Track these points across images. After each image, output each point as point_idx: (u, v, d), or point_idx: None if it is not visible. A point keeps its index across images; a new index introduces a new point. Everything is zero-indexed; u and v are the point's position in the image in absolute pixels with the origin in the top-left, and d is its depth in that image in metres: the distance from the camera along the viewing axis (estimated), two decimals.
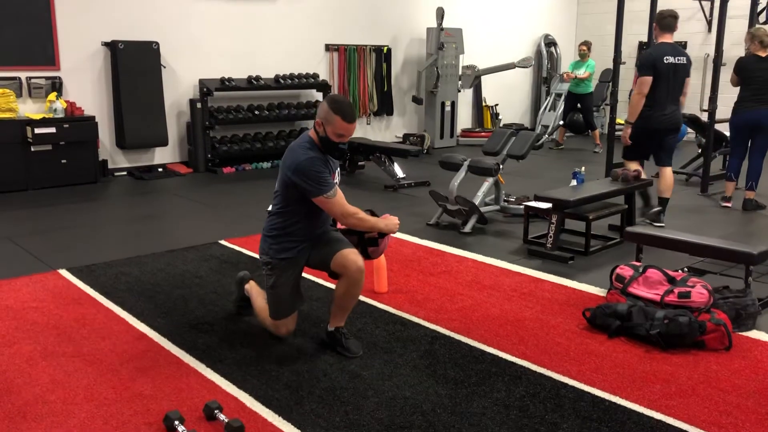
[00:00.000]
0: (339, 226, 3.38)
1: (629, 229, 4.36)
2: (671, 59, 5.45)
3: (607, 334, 3.46)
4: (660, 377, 3.03)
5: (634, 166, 5.60)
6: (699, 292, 3.52)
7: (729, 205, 6.52)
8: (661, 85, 5.43)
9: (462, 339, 3.42)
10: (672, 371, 3.09)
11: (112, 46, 7.63)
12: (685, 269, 4.29)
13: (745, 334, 3.50)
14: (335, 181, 3.21)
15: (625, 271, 3.85)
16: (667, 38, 5.55)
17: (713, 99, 7.03)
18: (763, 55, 6.26)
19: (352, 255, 3.13)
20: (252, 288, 3.61)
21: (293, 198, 3.14)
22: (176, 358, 3.18)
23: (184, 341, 3.36)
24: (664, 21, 5.53)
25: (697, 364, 3.16)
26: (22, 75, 7.19)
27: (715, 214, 6.32)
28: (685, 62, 5.56)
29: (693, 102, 10.93)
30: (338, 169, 3.32)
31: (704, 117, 7.57)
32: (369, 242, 3.37)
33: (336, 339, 3.25)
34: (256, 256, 4.73)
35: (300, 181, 3.06)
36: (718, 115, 7.12)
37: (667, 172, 5.70)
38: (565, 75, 10.18)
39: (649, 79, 5.40)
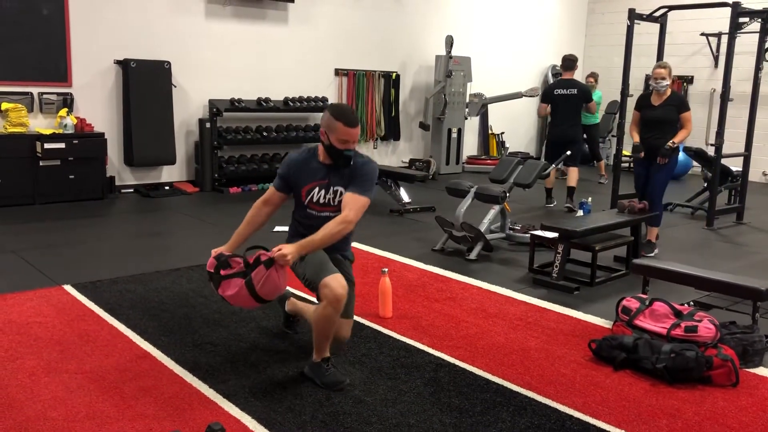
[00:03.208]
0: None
1: (636, 261, 4.35)
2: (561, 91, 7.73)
3: (612, 367, 3.44)
4: (666, 412, 3.00)
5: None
6: (706, 326, 3.50)
7: None
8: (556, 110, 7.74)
9: (467, 367, 3.40)
10: (678, 406, 3.06)
11: (124, 64, 7.71)
12: (692, 303, 4.27)
13: (752, 370, 3.47)
14: (327, 194, 3.23)
15: (632, 303, 3.84)
16: (567, 75, 7.91)
17: (720, 133, 7.05)
18: None
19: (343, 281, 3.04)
20: (295, 302, 3.62)
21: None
22: (179, 378, 3.16)
23: (188, 361, 3.35)
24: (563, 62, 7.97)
25: (703, 399, 3.13)
26: (35, 90, 7.25)
27: (721, 248, 6.31)
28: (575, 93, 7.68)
29: (699, 136, 10.97)
30: (340, 188, 3.22)
31: (710, 151, 7.59)
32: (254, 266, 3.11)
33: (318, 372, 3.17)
34: None
35: None
36: (725, 150, 7.14)
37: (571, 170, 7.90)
38: None
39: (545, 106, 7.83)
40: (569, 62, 7.95)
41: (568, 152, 7.12)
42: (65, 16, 7.33)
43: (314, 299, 3.40)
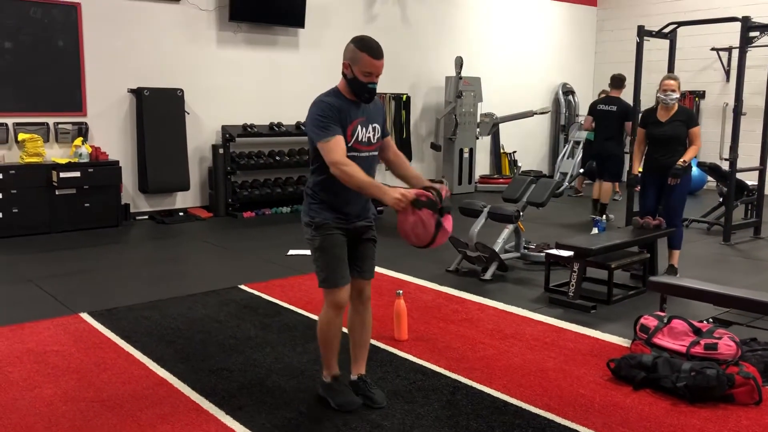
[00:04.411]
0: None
1: (653, 278, 4.31)
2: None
3: (632, 386, 3.40)
4: None
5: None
6: (726, 343, 3.45)
7: None
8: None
9: (484, 389, 3.37)
10: (701, 426, 3.01)
11: (137, 92, 7.81)
12: (711, 320, 4.21)
13: None
14: (367, 131, 3.04)
15: (650, 321, 3.79)
16: (614, 93, 8.24)
17: (734, 148, 7.01)
18: None
19: (368, 288, 3.19)
20: None
21: (315, 154, 3.01)
22: (196, 405, 3.16)
23: (204, 387, 3.34)
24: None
25: (726, 418, 3.08)
26: (50, 120, 7.36)
27: (739, 264, 6.24)
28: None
29: (713, 151, 10.91)
30: (375, 124, 3.08)
31: (725, 166, 7.54)
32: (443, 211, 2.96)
33: (360, 388, 3.20)
34: (277, 301, 4.76)
35: (307, 126, 3.00)
36: (739, 164, 7.09)
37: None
38: (586, 123, 10.20)
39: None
40: (617, 81, 8.32)
41: (581, 170, 7.14)
42: (80, 47, 7.45)
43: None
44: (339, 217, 3.05)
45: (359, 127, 3.03)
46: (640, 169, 5.75)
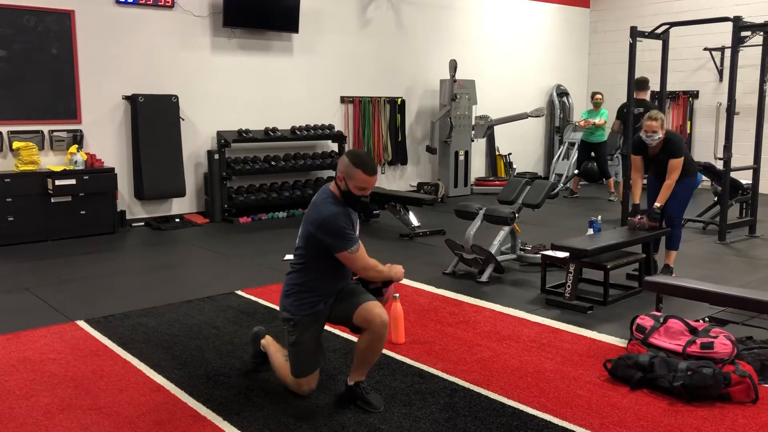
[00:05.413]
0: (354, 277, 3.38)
1: (648, 278, 4.32)
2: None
3: (629, 386, 3.40)
4: (686, 431, 2.96)
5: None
6: (722, 342, 3.46)
7: None
8: None
9: (482, 391, 3.37)
10: (698, 425, 3.02)
11: (132, 99, 7.81)
12: (707, 319, 4.23)
13: None
14: (356, 233, 3.21)
15: (646, 321, 3.80)
16: (641, 95, 8.33)
17: (728, 147, 7.04)
18: None
19: (376, 309, 3.10)
20: (269, 344, 3.55)
21: (316, 253, 3.14)
22: (193, 411, 3.16)
23: (201, 393, 3.34)
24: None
25: (723, 417, 3.09)
26: (45, 128, 7.35)
27: (735, 263, 6.26)
28: None
29: (706, 151, 10.94)
30: (357, 221, 3.32)
31: (719, 165, 7.56)
32: (374, 292, 3.33)
33: (356, 393, 3.20)
34: (273, 306, 4.75)
35: (324, 237, 3.07)
36: (733, 163, 7.12)
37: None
38: (583, 122, 10.25)
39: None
40: (642, 83, 8.51)
41: (575, 171, 7.15)
42: (74, 55, 7.45)
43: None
44: (325, 301, 3.22)
45: (356, 229, 3.23)
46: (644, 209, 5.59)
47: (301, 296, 3.18)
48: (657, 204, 5.30)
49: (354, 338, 3.52)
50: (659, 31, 7.48)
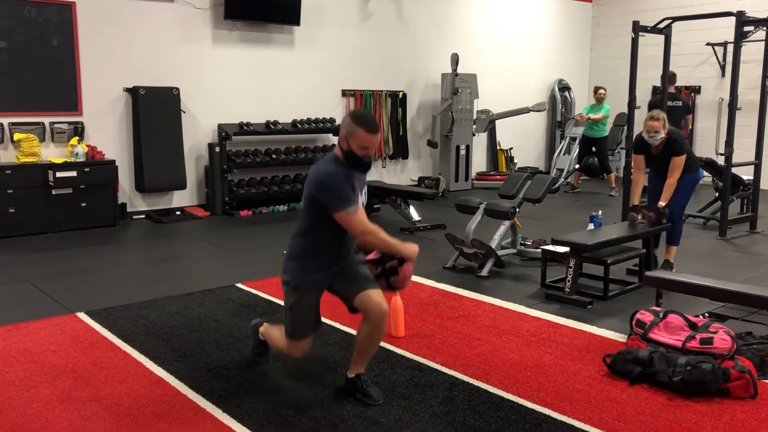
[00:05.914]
0: (366, 257, 3.29)
1: (649, 273, 4.32)
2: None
3: (628, 381, 3.41)
4: (684, 426, 2.97)
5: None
6: (722, 338, 3.47)
7: None
8: None
9: (481, 385, 3.38)
10: (697, 420, 3.02)
11: (133, 92, 7.80)
12: (707, 315, 4.23)
13: None
14: (361, 198, 3.14)
15: (646, 316, 3.81)
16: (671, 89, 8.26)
17: (729, 143, 7.03)
18: None
19: (376, 297, 3.07)
20: (266, 329, 3.53)
21: (317, 216, 3.07)
22: (193, 403, 3.16)
23: (201, 386, 3.35)
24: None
25: (722, 412, 3.09)
26: (46, 120, 7.35)
27: (735, 258, 6.25)
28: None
29: (708, 146, 10.93)
30: (365, 188, 3.23)
31: (720, 160, 7.55)
32: (390, 272, 3.23)
33: (357, 386, 3.20)
34: (273, 299, 4.76)
35: (321, 196, 3.02)
36: (735, 159, 7.10)
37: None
38: (578, 116, 10.25)
39: None
40: (673, 78, 8.64)
41: (576, 166, 7.13)
42: (75, 46, 7.44)
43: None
44: (327, 269, 3.15)
45: (361, 194, 3.16)
46: (644, 200, 5.59)
47: (303, 260, 3.13)
48: (661, 203, 5.29)
49: (353, 331, 3.52)
50: (662, 25, 7.45)
